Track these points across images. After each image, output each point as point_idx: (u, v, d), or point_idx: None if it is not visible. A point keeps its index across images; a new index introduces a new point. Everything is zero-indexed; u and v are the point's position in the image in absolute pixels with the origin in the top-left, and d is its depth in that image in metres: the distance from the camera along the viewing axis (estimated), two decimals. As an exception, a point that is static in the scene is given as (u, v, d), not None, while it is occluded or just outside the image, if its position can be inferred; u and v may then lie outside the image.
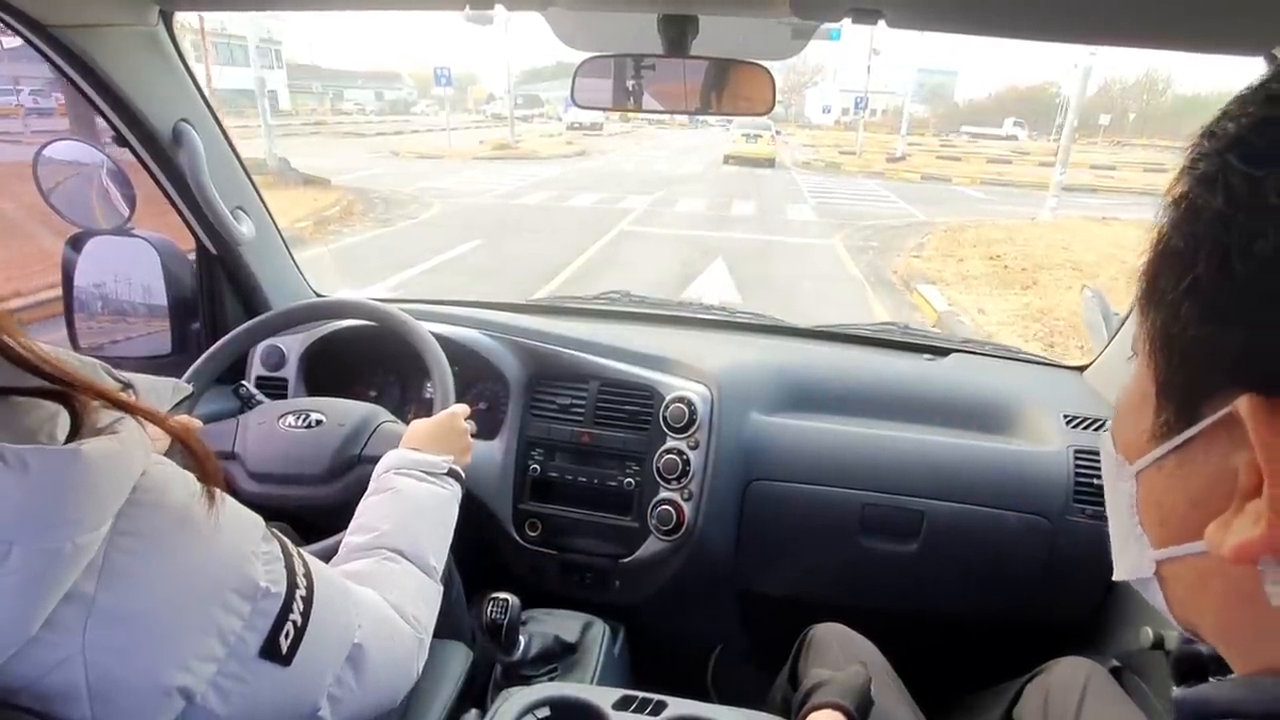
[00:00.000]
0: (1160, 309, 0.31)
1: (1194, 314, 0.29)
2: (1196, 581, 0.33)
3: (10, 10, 0.92)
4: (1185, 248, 0.29)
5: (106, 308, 1.27)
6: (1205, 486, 0.30)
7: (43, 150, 1.13)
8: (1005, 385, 1.37)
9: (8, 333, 0.42)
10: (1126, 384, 0.36)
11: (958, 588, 1.26)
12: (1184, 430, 0.31)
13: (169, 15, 1.09)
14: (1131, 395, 0.35)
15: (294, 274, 1.48)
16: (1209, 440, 0.30)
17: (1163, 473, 0.33)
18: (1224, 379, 0.28)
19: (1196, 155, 0.30)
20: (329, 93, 53.35)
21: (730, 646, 1.46)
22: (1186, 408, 0.30)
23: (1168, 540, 0.33)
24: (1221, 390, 0.28)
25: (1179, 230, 0.30)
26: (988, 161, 24.19)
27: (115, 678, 0.42)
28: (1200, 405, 0.30)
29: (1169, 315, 0.30)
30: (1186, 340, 0.30)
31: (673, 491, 1.24)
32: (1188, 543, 0.32)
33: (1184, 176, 0.31)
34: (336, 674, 0.58)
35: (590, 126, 31.86)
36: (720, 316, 1.68)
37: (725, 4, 0.90)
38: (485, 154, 19.71)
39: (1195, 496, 0.31)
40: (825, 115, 58.98)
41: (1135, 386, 0.35)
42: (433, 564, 0.79)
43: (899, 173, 19.33)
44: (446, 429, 0.95)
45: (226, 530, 0.49)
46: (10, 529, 0.37)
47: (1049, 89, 64.46)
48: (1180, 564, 0.33)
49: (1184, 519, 0.32)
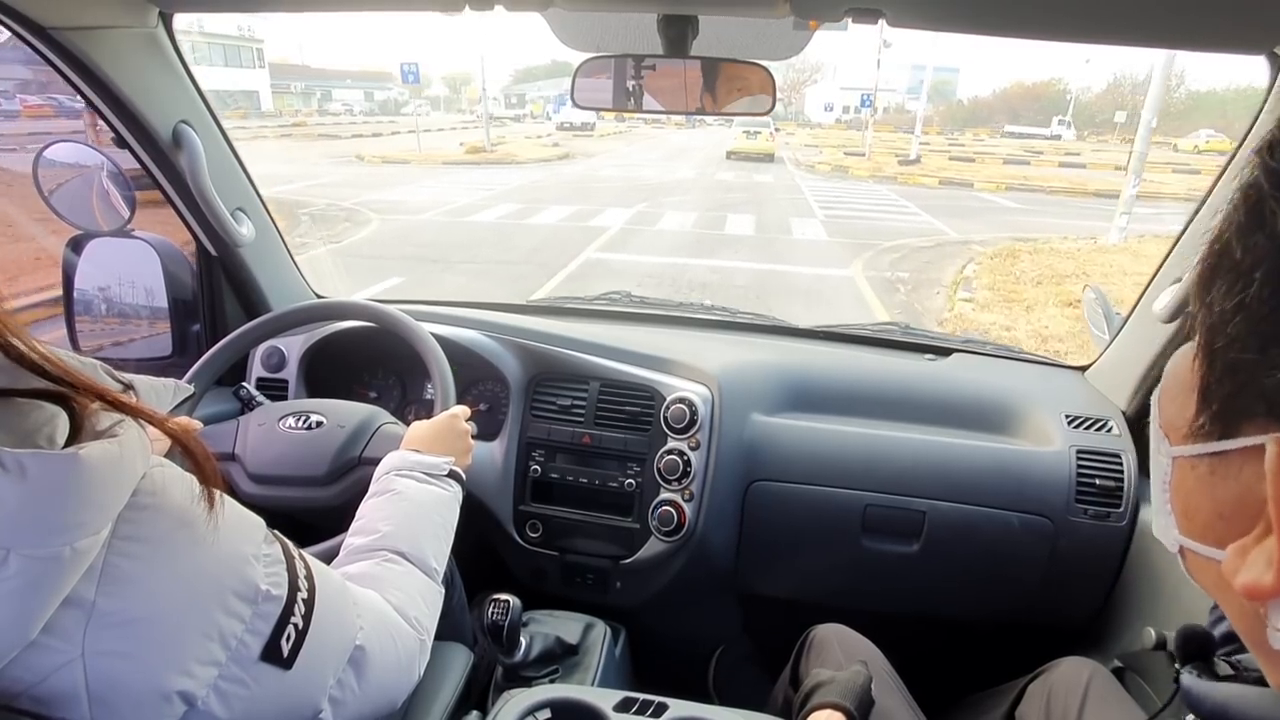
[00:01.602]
0: (1211, 313, 0.28)
1: (1242, 334, 0.26)
2: (1218, 582, 0.32)
3: (10, 12, 0.92)
4: (1242, 260, 0.26)
5: (107, 309, 1.27)
6: (1233, 500, 0.29)
7: (43, 152, 1.13)
8: (1007, 385, 1.37)
9: (12, 333, 0.41)
10: (1180, 354, 0.33)
11: (959, 588, 1.26)
12: (1220, 440, 0.29)
13: (169, 17, 1.09)
14: (1180, 377, 0.32)
15: (294, 275, 1.48)
16: (1242, 459, 0.28)
17: (1195, 472, 0.31)
18: (1263, 407, 0.26)
19: (1273, 143, 0.26)
20: (316, 93, 52.62)
21: (731, 648, 1.46)
22: (1225, 420, 0.28)
23: (1192, 534, 0.32)
24: (1261, 416, 0.26)
25: (1238, 235, 0.27)
26: (1004, 162, 22.43)
27: (115, 682, 0.42)
28: (1240, 423, 0.28)
29: (1218, 325, 0.28)
30: (1229, 358, 0.27)
31: (674, 492, 1.24)
32: (1210, 547, 0.31)
33: (1263, 154, 0.27)
34: (338, 676, 0.58)
35: (581, 127, 30.97)
36: (721, 317, 1.68)
37: (725, 4, 0.90)
38: (458, 159, 18.28)
39: (1223, 508, 0.30)
40: (827, 114, 58.03)
41: (1183, 371, 0.32)
42: (434, 566, 0.79)
43: (914, 177, 17.30)
44: (447, 430, 0.95)
45: (227, 533, 0.49)
46: (8, 534, 0.37)
47: (1055, 85, 62.86)
48: (1202, 560, 0.32)
49: (1209, 523, 0.31)
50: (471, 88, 68.51)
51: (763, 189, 14.27)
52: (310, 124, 31.91)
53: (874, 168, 18.79)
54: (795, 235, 9.36)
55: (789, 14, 0.83)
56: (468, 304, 1.54)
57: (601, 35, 1.02)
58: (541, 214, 10.34)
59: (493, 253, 7.87)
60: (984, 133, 47.97)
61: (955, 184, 16.40)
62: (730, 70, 0.97)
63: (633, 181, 14.77)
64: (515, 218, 10.10)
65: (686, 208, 11.31)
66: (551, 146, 22.96)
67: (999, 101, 65.82)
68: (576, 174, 16.19)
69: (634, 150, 24.67)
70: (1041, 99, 61.05)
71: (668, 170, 17.77)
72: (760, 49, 1.02)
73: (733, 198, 12.70)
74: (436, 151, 19.14)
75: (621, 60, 0.97)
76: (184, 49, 1.13)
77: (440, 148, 20.23)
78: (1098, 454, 1.18)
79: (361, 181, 13.09)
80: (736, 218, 10.48)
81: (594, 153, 22.65)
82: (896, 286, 6.81)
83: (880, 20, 0.83)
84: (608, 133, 33.85)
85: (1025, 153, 27.39)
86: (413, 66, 18.88)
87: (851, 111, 50.25)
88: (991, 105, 65.19)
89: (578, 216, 10.16)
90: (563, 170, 16.95)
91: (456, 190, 12.50)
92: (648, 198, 12.19)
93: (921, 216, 11.40)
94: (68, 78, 1.03)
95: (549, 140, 26.11)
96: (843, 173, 18.38)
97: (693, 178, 16.05)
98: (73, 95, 1.07)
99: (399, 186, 12.70)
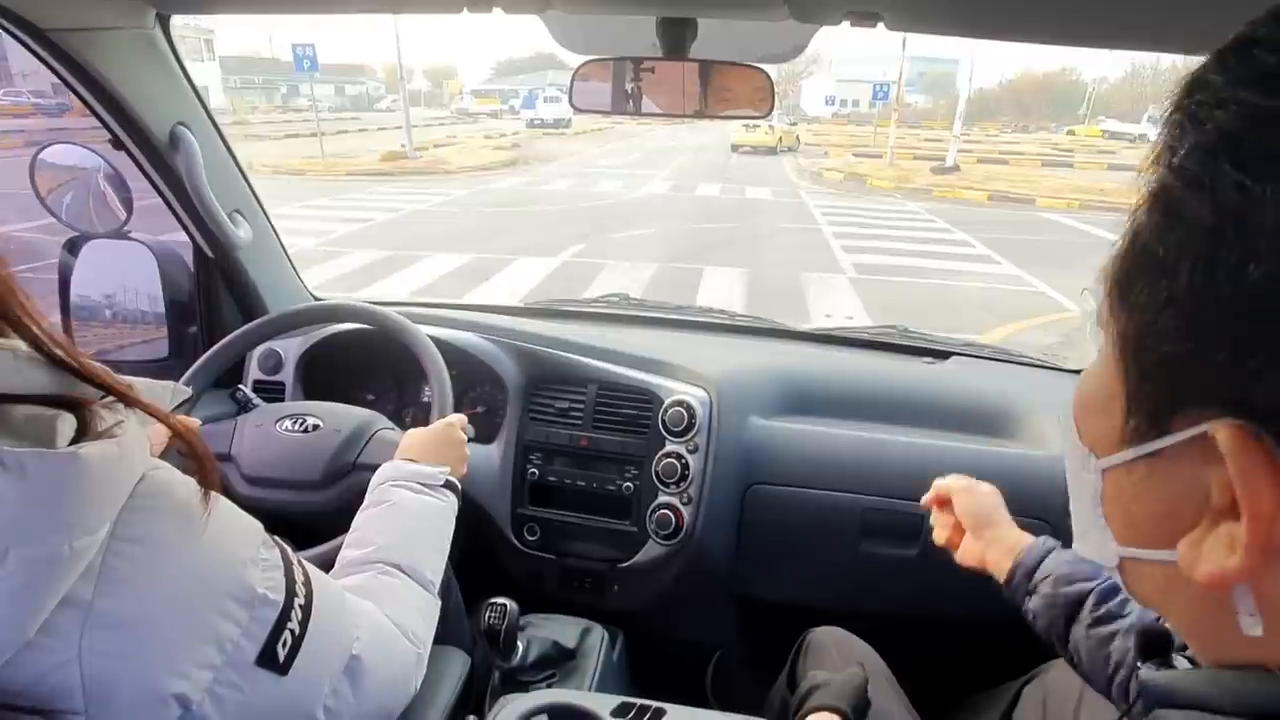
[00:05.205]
0: (1133, 315, 0.29)
1: (1171, 327, 0.26)
2: (1165, 585, 0.32)
3: (7, 14, 0.91)
4: (1165, 256, 0.26)
5: (103, 311, 1.27)
6: (1176, 498, 0.29)
7: (39, 154, 1.13)
8: (1005, 388, 1.37)
9: (58, 345, 0.42)
10: (1092, 370, 0.34)
11: (958, 591, 1.25)
12: (1155, 440, 0.29)
13: (166, 18, 1.09)
14: (1098, 389, 0.33)
15: (292, 277, 1.47)
16: (1180, 453, 0.28)
17: (1132, 478, 0.31)
18: (1198, 395, 0.26)
19: (1177, 139, 0.27)
20: (281, 88, 49.37)
21: (729, 652, 1.46)
22: (1157, 418, 0.29)
23: (1135, 542, 0.32)
24: (1196, 406, 0.27)
25: (1158, 235, 0.27)
26: (1043, 165, 18.50)
27: (112, 683, 0.42)
28: (1172, 417, 0.28)
29: (1143, 325, 0.28)
30: (1161, 353, 0.27)
31: (672, 496, 1.23)
32: (1157, 549, 0.31)
33: (1163, 161, 0.27)
34: (334, 685, 0.57)
35: (553, 124, 27.85)
36: (720, 320, 1.68)
37: (723, 7, 0.90)
38: (369, 169, 14.54)
39: (1166, 507, 0.30)
40: (827, 107, 55.71)
41: (1102, 382, 0.32)
42: (429, 578, 0.79)
43: (954, 190, 12.91)
44: (443, 439, 0.94)
45: (225, 536, 0.49)
46: (7, 532, 0.37)
47: (1067, 75, 59.68)
48: (1148, 566, 0.32)
49: (1153, 527, 0.31)
50: (454, 82, 66.54)
51: (758, 212, 10.44)
52: (253, 122, 27.84)
53: (899, 177, 14.50)
54: (814, 305, 5.77)
55: (787, 17, 0.83)
56: (465, 306, 1.54)
57: (600, 37, 1.03)
58: (397, 276, 6.48)
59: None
60: (993, 127, 45.93)
61: (1010, 200, 12.27)
62: (729, 73, 0.97)
63: (580, 203, 11.06)
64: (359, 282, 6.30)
65: (647, 250, 7.60)
66: (506, 149, 19.19)
67: (1006, 93, 62.95)
68: (508, 191, 12.35)
69: (604, 153, 20.76)
70: (1054, 90, 58.52)
71: (636, 182, 13.75)
72: (759, 51, 1.02)
73: (715, 230, 8.89)
74: (345, 159, 15.39)
75: (620, 63, 0.97)
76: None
77: (355, 153, 16.63)
78: None
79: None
80: (715, 275, 6.64)
81: (554, 156, 18.74)
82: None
83: (879, 24, 0.84)
84: (583, 130, 29.52)
85: (1058, 152, 23.36)
86: (308, 48, 14.07)
87: (859, 105, 48.51)
88: (999, 97, 62.22)
89: (464, 277, 6.44)
90: (495, 185, 13.02)
91: (314, 220, 8.92)
92: (592, 231, 8.65)
93: (1001, 265, 7.40)
94: (65, 79, 1.03)
95: (509, 140, 22.46)
96: (859, 182, 14.42)
97: (665, 193, 12.42)
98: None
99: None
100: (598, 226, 9.03)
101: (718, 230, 8.96)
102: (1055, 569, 0.77)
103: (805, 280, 6.57)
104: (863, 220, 10.00)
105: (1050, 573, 0.77)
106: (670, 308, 1.71)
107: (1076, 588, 0.74)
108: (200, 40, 37.41)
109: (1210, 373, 0.26)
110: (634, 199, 11.73)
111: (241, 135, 20.77)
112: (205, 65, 38.66)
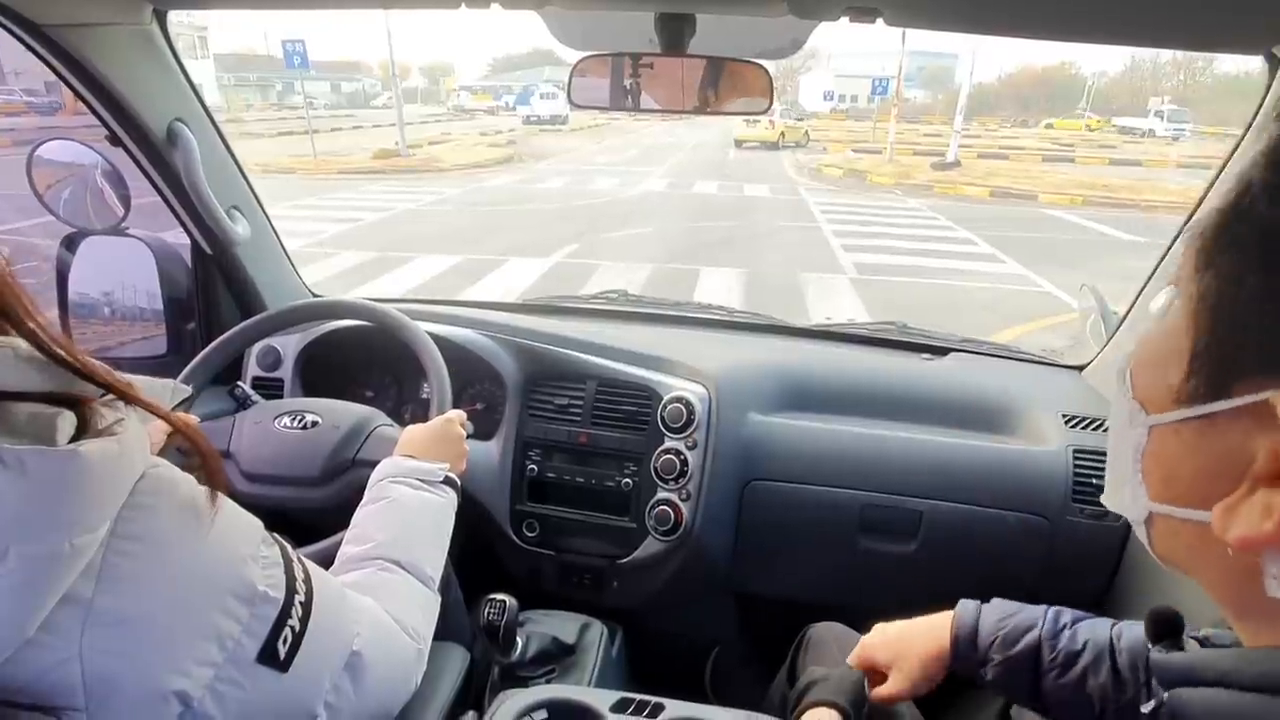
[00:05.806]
0: (1220, 272, 0.28)
1: (1259, 291, 0.26)
2: (1196, 544, 0.32)
3: (4, 10, 0.91)
4: (1269, 216, 0.26)
5: (102, 308, 1.27)
6: (1219, 460, 0.29)
7: (36, 150, 1.13)
8: (1004, 385, 1.37)
9: (58, 343, 0.42)
10: (1157, 327, 0.34)
11: (956, 587, 1.25)
12: (1213, 402, 0.29)
13: (163, 14, 1.08)
14: (1161, 346, 0.33)
15: (290, 274, 1.47)
16: (1234, 417, 0.28)
17: (1179, 437, 0.31)
18: (1264, 364, 0.27)
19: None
20: (276, 85, 48.63)
21: (728, 647, 1.46)
22: (1219, 380, 0.29)
23: (1169, 499, 0.33)
24: (1259, 374, 0.27)
25: (1267, 194, 0.27)
26: (1043, 160, 18.46)
27: (112, 681, 0.42)
28: (1232, 384, 0.28)
29: (1228, 283, 0.28)
30: (1237, 316, 0.27)
31: (671, 492, 1.24)
32: (1191, 509, 0.31)
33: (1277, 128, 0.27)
34: (334, 681, 0.57)
35: (550, 120, 27.77)
36: (719, 316, 1.68)
37: (722, 2, 0.90)
38: (361, 167, 14.42)
39: (1208, 468, 0.30)
40: (826, 102, 54.85)
41: (1167, 338, 0.32)
42: (429, 574, 0.79)
43: (955, 186, 12.92)
44: (442, 435, 0.94)
45: (226, 534, 0.49)
46: (8, 530, 0.37)
47: (1067, 69, 59.16)
48: (1179, 524, 0.33)
49: (1190, 486, 0.31)
50: (451, 79, 66.14)
51: (756, 210, 10.36)
52: (247, 120, 27.90)
53: (900, 173, 14.46)
54: (811, 307, 5.70)
55: (786, 12, 0.83)
56: (464, 303, 1.54)
57: (598, 33, 1.02)
58: (374, 285, 6.20)
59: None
60: (992, 122, 45.85)
61: (1013, 196, 12.14)
62: (728, 69, 0.97)
63: (576, 201, 10.96)
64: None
65: (637, 254, 7.40)
66: (501, 146, 18.94)
67: (1005, 88, 62.53)
68: (504, 189, 12.23)
69: (600, 150, 20.59)
70: (1053, 84, 58.15)
71: (632, 179, 13.79)
72: (757, 47, 1.02)
73: (712, 229, 8.76)
74: (337, 157, 15.26)
75: (619, 59, 0.97)
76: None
77: (348, 150, 16.47)
78: (1095, 453, 1.18)
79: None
80: (713, 276, 6.55)
81: (550, 153, 18.60)
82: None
83: (878, 20, 0.83)
84: (580, 126, 29.68)
85: (1059, 146, 23.24)
86: (297, 44, 13.75)
87: (858, 100, 48.23)
88: (998, 92, 61.74)
89: (449, 280, 6.40)
90: (489, 183, 12.89)
91: (296, 221, 8.57)
92: (586, 228, 8.65)
93: (1005, 264, 7.26)
94: (62, 75, 1.02)
95: (505, 137, 22.06)
96: (859, 179, 14.40)
97: (662, 191, 12.34)
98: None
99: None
100: (593, 225, 8.88)
101: (715, 229, 8.80)
102: (994, 631, 0.76)
103: (804, 281, 6.49)
104: (863, 218, 9.83)
105: (993, 635, 0.76)
106: (669, 304, 1.71)
107: (1025, 642, 0.74)
108: (195, 37, 36.81)
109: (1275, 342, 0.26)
110: (630, 197, 11.56)
111: (236, 133, 18.18)
112: (200, 62, 38.17)
